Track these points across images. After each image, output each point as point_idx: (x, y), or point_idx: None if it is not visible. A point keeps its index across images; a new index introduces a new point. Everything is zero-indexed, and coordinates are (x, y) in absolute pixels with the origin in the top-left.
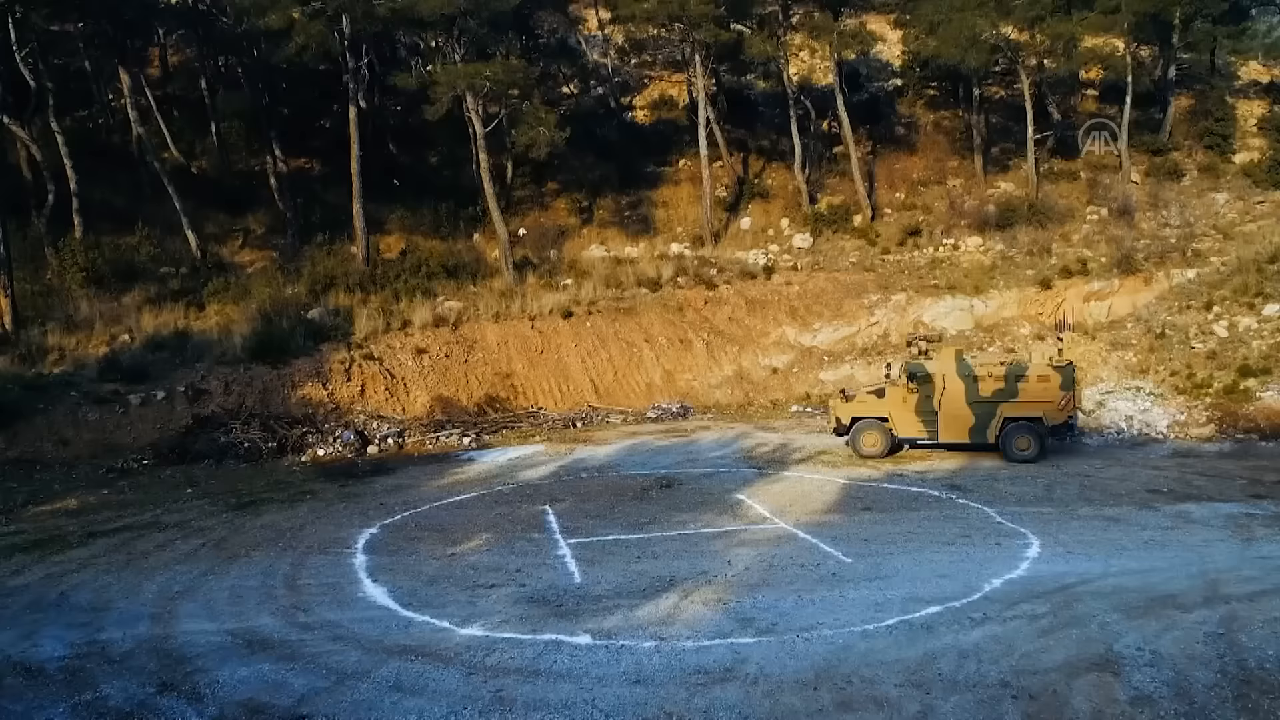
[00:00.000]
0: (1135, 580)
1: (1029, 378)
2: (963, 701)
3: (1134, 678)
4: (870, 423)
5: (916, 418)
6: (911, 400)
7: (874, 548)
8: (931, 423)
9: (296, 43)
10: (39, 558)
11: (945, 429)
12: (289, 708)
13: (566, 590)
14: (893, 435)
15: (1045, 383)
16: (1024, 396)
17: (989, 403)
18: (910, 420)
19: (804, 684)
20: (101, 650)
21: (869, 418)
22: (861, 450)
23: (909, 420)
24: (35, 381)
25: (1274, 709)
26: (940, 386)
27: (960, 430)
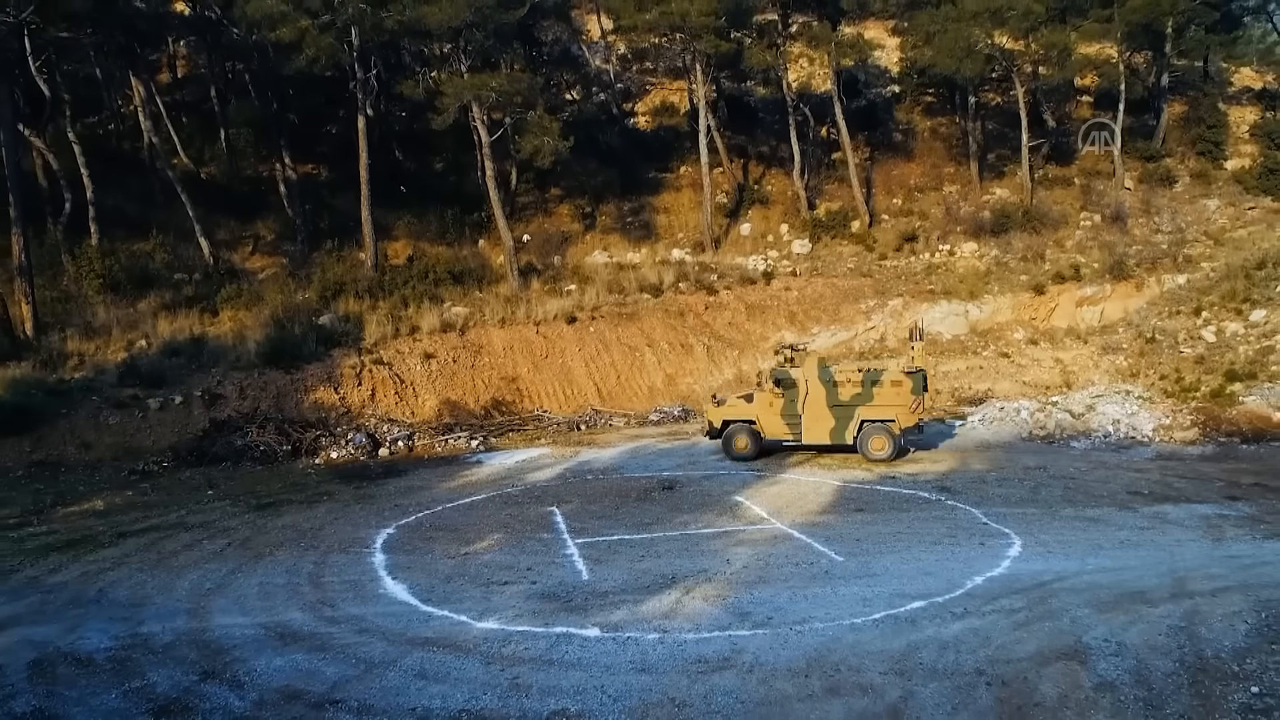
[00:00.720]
0: (1108, 577)
1: (884, 383)
2: (941, 688)
3: (1099, 666)
4: (740, 426)
5: (782, 421)
6: (778, 404)
7: (865, 547)
8: (796, 425)
9: (307, 55)
10: (74, 557)
11: (808, 431)
12: (323, 694)
13: (575, 587)
14: (761, 438)
15: (899, 387)
16: (879, 400)
17: (848, 406)
18: (777, 423)
19: (796, 672)
20: (144, 642)
21: (739, 421)
22: (733, 453)
23: (775, 423)
24: (57, 387)
25: (1224, 694)
26: (804, 391)
27: (822, 432)
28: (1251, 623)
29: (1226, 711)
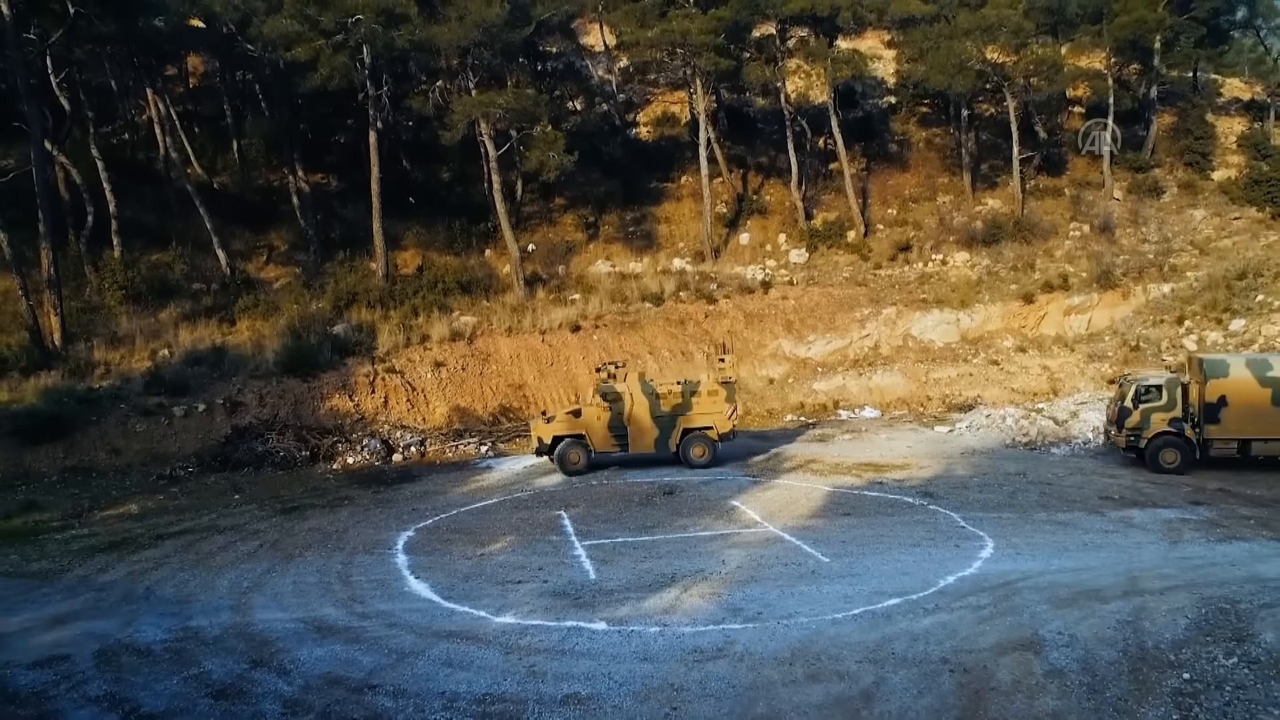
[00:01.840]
0: (1069, 577)
1: (701, 394)
2: (909, 674)
3: (1051, 656)
4: (572, 441)
5: (609, 434)
6: (605, 417)
7: (849, 549)
8: (622, 437)
9: (321, 74)
10: (118, 557)
11: (634, 442)
12: (361, 680)
13: (584, 585)
14: (591, 452)
15: (715, 397)
16: (698, 410)
17: (670, 416)
18: (605, 436)
19: (781, 661)
20: (195, 635)
21: (570, 436)
22: (568, 468)
23: (604, 436)
24: (87, 395)
25: (1159, 680)
26: (629, 404)
27: (647, 442)
28: (1191, 618)
29: (1159, 695)
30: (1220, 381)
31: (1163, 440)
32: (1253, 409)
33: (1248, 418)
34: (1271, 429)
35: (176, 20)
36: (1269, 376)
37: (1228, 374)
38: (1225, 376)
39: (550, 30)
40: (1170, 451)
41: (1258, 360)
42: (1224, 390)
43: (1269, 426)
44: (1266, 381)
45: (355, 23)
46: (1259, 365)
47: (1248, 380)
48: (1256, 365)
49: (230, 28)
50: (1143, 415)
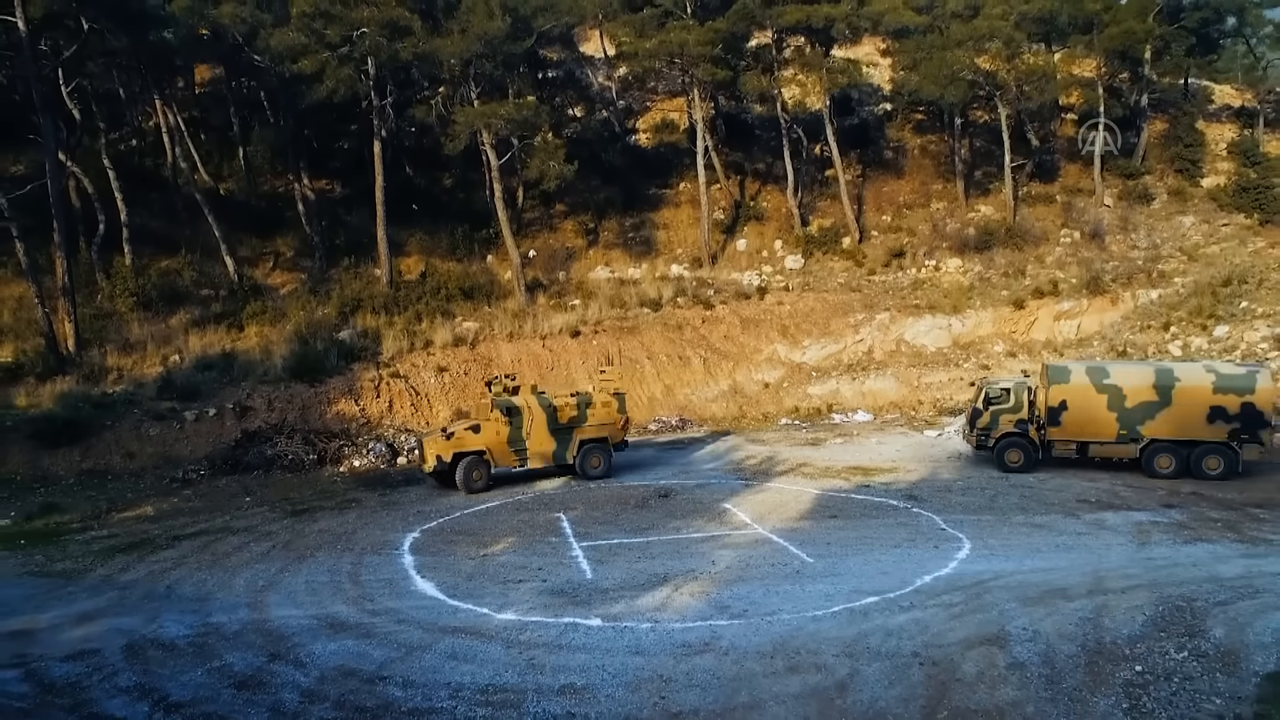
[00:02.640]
0: (1038, 577)
1: (595, 405)
2: (882, 667)
3: (1015, 650)
4: (474, 458)
5: (509, 449)
6: (504, 432)
7: (833, 550)
8: (522, 452)
9: (327, 85)
10: (138, 558)
11: (533, 456)
12: (373, 671)
13: (580, 584)
14: (491, 467)
15: (607, 408)
16: (592, 421)
17: (567, 429)
18: (505, 451)
19: (764, 654)
20: (216, 630)
21: (471, 453)
22: (471, 486)
23: (504, 451)
24: (101, 400)
25: (1113, 672)
26: (528, 418)
27: (545, 455)
28: (1149, 615)
29: (1111, 686)
30: (1062, 387)
31: (1008, 440)
32: (1090, 413)
33: (1085, 421)
34: (1106, 432)
35: (185, 32)
36: (1105, 383)
37: (1069, 380)
38: (1066, 382)
39: (551, 40)
40: (1015, 451)
41: (1096, 368)
42: (1065, 395)
43: (1104, 430)
44: (1103, 388)
45: (360, 36)
46: (1097, 373)
47: (1086, 386)
48: (1094, 373)
49: (238, 39)
50: (992, 416)
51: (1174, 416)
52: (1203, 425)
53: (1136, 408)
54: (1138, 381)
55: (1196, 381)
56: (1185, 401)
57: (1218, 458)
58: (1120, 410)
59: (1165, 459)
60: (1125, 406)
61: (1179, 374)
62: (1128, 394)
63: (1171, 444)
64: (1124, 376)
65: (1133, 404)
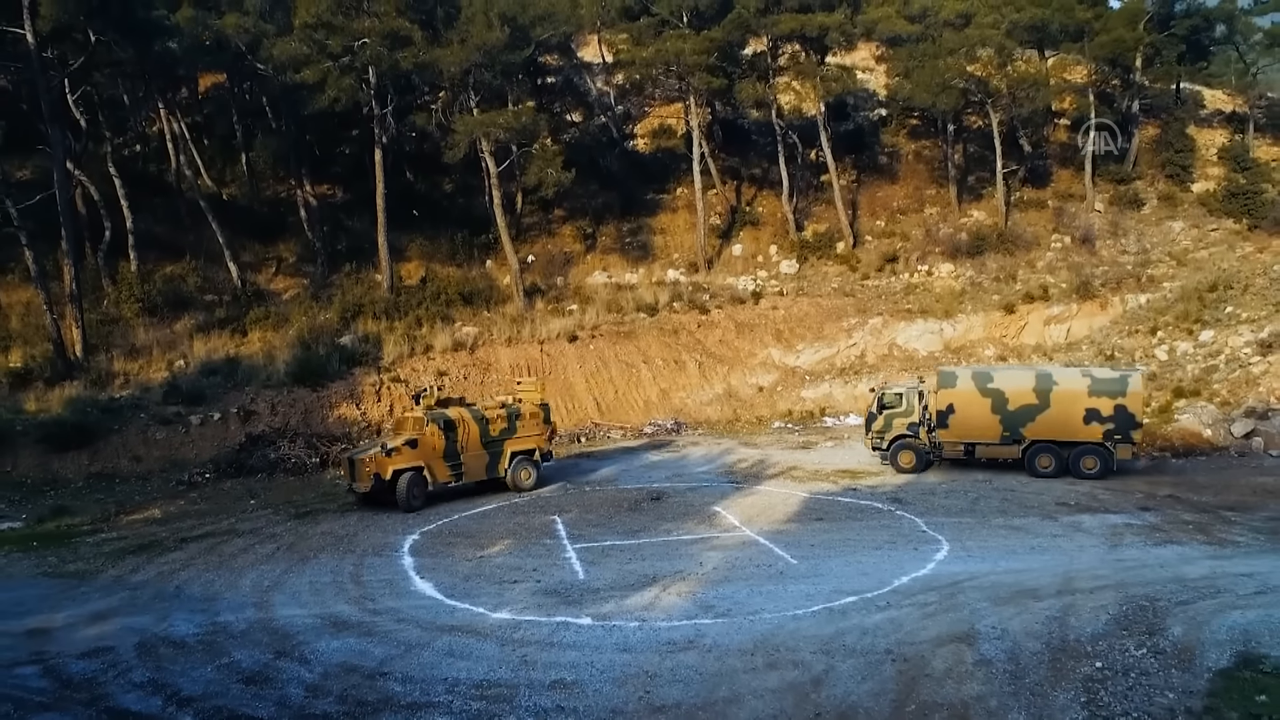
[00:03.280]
0: (1011, 577)
1: (524, 416)
2: (856, 663)
3: (983, 647)
4: (413, 474)
5: (446, 464)
6: (441, 447)
7: (817, 551)
8: (458, 466)
9: (329, 95)
10: (147, 559)
11: (469, 470)
12: (374, 668)
13: (573, 585)
14: (429, 484)
15: (535, 419)
16: (522, 433)
17: (498, 441)
18: (442, 466)
19: (745, 651)
20: (224, 629)
21: (410, 470)
22: (413, 504)
23: (441, 467)
24: (109, 405)
25: (1074, 668)
26: (463, 431)
27: (480, 469)
28: (1113, 614)
29: (1072, 681)
30: (949, 391)
31: (901, 443)
32: (975, 416)
33: (971, 424)
34: (990, 434)
35: (189, 42)
36: (989, 388)
37: (955, 385)
38: (954, 387)
39: (549, 48)
40: (906, 453)
41: (981, 373)
42: (952, 399)
43: (988, 432)
44: (987, 392)
45: (361, 46)
46: (981, 377)
47: (971, 391)
48: (979, 377)
49: (241, 48)
50: (886, 420)
51: (1053, 418)
52: (1079, 426)
53: (1018, 410)
54: (1019, 385)
55: (1073, 385)
56: (1063, 404)
57: (1094, 457)
58: (1003, 413)
59: (1045, 459)
60: (1008, 409)
61: (1057, 378)
62: (1010, 397)
63: (1051, 444)
64: (1006, 381)
65: (1015, 407)
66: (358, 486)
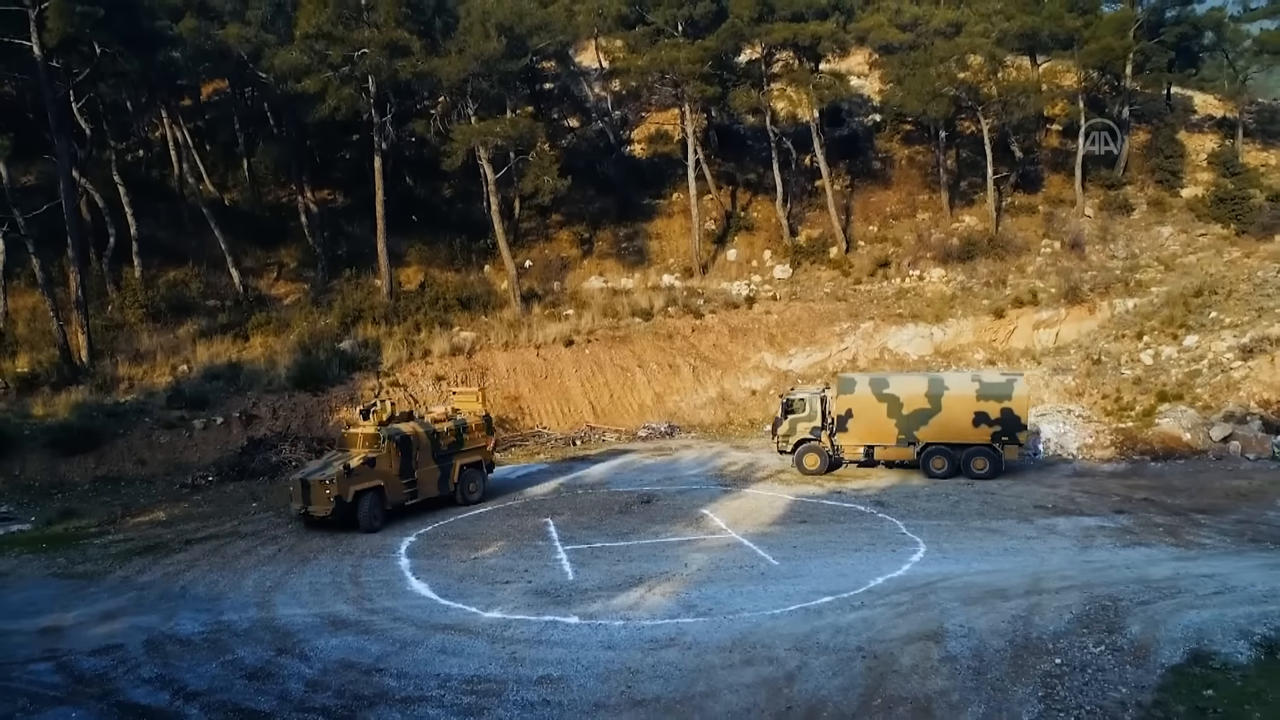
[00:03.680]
0: (982, 578)
1: (471, 428)
2: (828, 660)
3: (949, 645)
4: (374, 495)
5: (401, 481)
6: (397, 464)
7: (799, 553)
8: (413, 483)
9: (329, 104)
10: (153, 560)
11: (423, 487)
12: (370, 664)
13: (562, 585)
14: (386, 502)
15: (480, 430)
16: (469, 445)
17: (448, 455)
18: (398, 485)
19: (723, 649)
20: (227, 627)
21: (370, 489)
22: (375, 525)
23: (397, 485)
24: (114, 409)
25: (1034, 664)
26: (417, 447)
27: (432, 485)
28: (1076, 613)
29: (1031, 677)
30: (848, 396)
31: (806, 446)
32: (873, 420)
33: (869, 427)
34: (887, 437)
35: (192, 51)
36: (885, 393)
37: (854, 390)
38: (852, 393)
39: (547, 55)
40: (811, 456)
41: (878, 379)
42: (851, 404)
43: (885, 435)
44: (883, 397)
45: (361, 56)
46: (878, 383)
47: (869, 396)
48: (876, 383)
49: (243, 57)
50: (791, 424)
51: (944, 422)
52: (969, 429)
53: (912, 414)
54: (913, 390)
55: (963, 390)
56: (953, 408)
57: (984, 458)
58: (899, 417)
59: (939, 460)
60: (903, 413)
61: (948, 383)
62: (904, 402)
63: (943, 446)
64: (901, 386)
65: (909, 411)
66: (314, 510)
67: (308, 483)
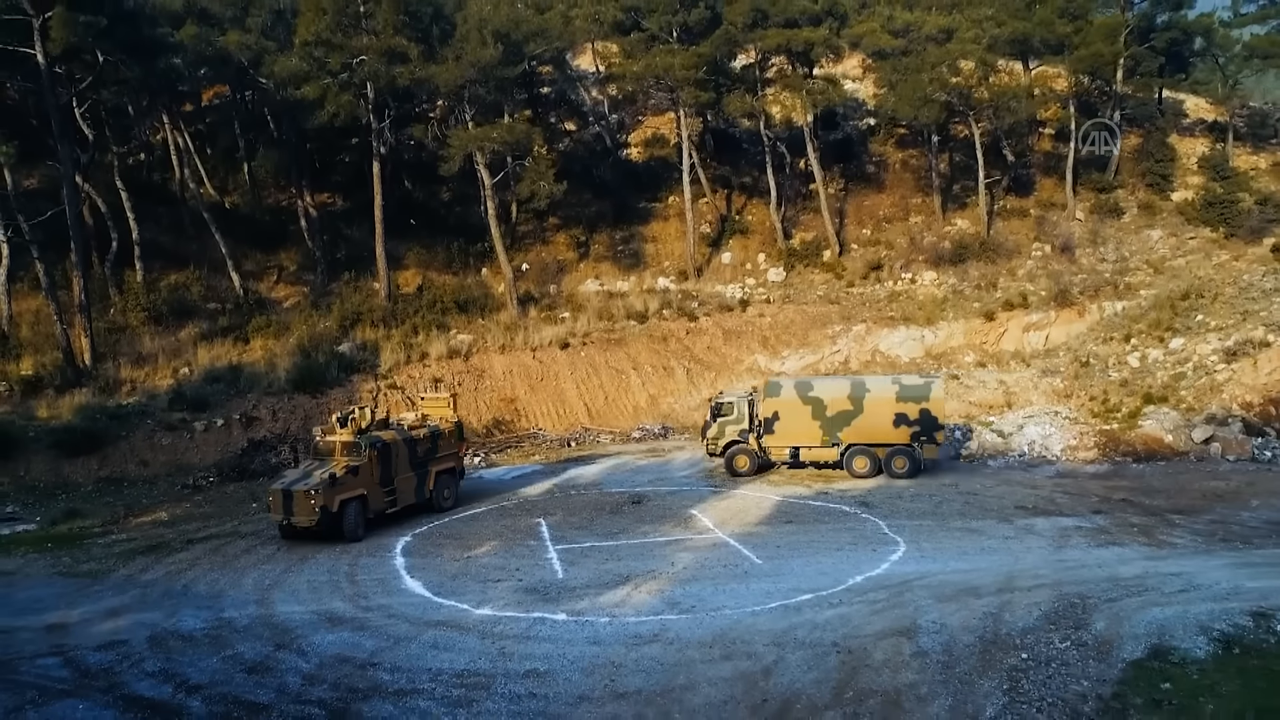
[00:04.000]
0: (958, 577)
1: (445, 435)
2: (804, 655)
3: (921, 640)
4: (359, 504)
5: (382, 490)
6: (378, 473)
7: (782, 552)
8: (392, 492)
9: (328, 110)
10: (155, 560)
11: (401, 495)
12: (365, 659)
13: (551, 584)
14: (367, 510)
15: (453, 437)
16: (442, 452)
17: (424, 463)
18: (379, 493)
19: (704, 644)
20: (228, 624)
21: (354, 498)
22: (359, 535)
23: (378, 493)
24: (117, 412)
25: (1002, 659)
26: (395, 454)
27: (410, 493)
28: (1044, 610)
29: (998, 670)
30: (774, 400)
31: (735, 448)
32: (798, 422)
33: (794, 430)
34: (812, 438)
35: (193, 58)
36: (809, 396)
37: (780, 394)
38: (779, 396)
39: (544, 62)
40: (741, 457)
41: (803, 383)
42: (777, 407)
43: (810, 437)
44: (808, 400)
45: (360, 63)
46: (803, 387)
47: (794, 399)
48: (801, 387)
49: (243, 63)
50: (720, 427)
51: (866, 423)
52: (890, 430)
53: (836, 416)
54: (836, 394)
55: (883, 392)
56: (875, 410)
57: (904, 458)
58: (823, 419)
59: (861, 460)
60: (827, 415)
61: (869, 386)
62: (828, 405)
63: (865, 446)
64: (825, 390)
65: (833, 413)
66: (297, 520)
67: (290, 493)
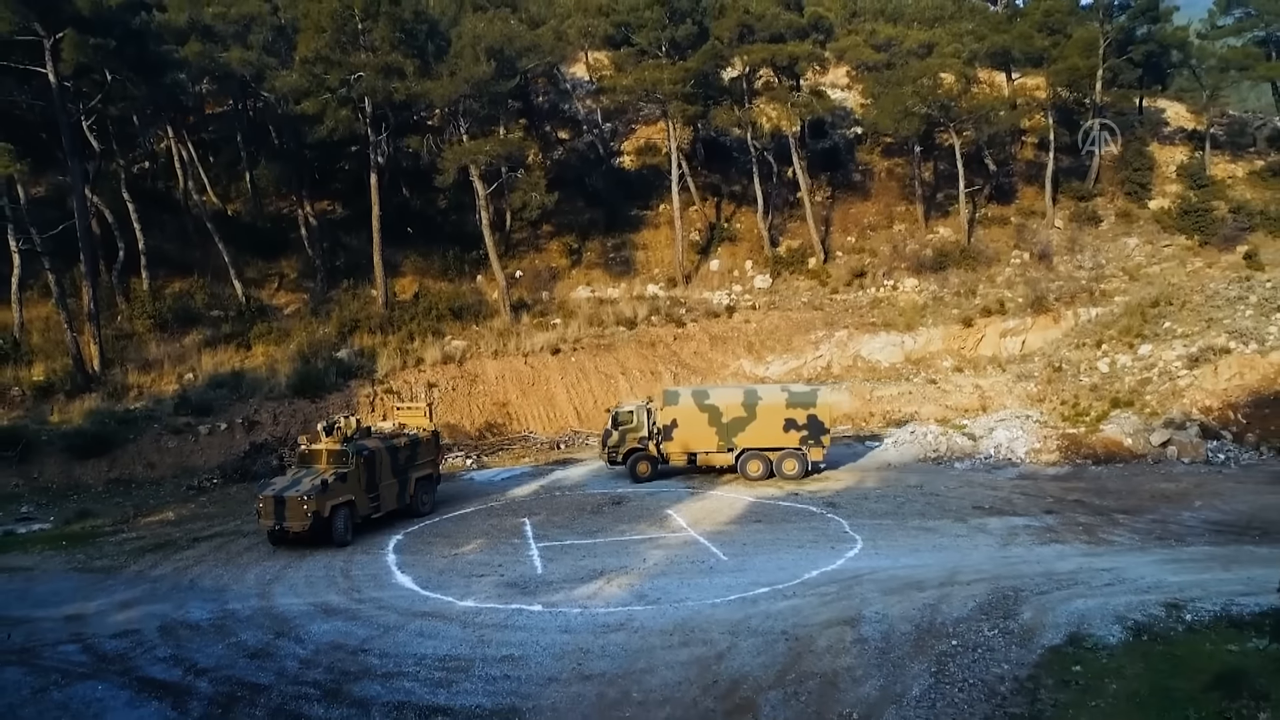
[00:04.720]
0: (906, 572)
1: (422, 442)
2: (755, 642)
3: (863, 629)
4: (347, 510)
5: (368, 496)
6: (364, 479)
7: (747, 549)
8: (376, 498)
9: (327, 125)
10: (163, 557)
11: (384, 501)
12: (357, 645)
13: (531, 578)
14: (355, 515)
15: (430, 444)
16: (421, 458)
17: (405, 469)
18: (365, 499)
19: (666, 632)
20: (232, 615)
21: (343, 504)
22: (346, 541)
23: (364, 499)
24: (125, 416)
25: (933, 645)
26: (380, 462)
27: (392, 499)
28: (979, 602)
29: (928, 655)
30: (673, 408)
31: (636, 455)
32: (695, 429)
33: (692, 436)
34: (709, 444)
35: (197, 73)
36: (706, 404)
37: (678, 402)
38: (677, 404)
39: (537, 75)
40: (642, 463)
41: (699, 391)
42: (675, 415)
43: (707, 442)
44: (704, 408)
45: (357, 79)
46: (700, 395)
47: (691, 407)
48: (698, 395)
49: (246, 78)
50: (620, 435)
51: (759, 429)
52: (780, 434)
53: (731, 423)
54: (730, 401)
55: (774, 400)
56: (766, 416)
57: (793, 460)
58: (719, 425)
59: (754, 464)
60: (722, 422)
61: (761, 394)
62: (724, 412)
63: (759, 451)
64: (720, 398)
65: (728, 420)
66: (289, 526)
67: (283, 499)
